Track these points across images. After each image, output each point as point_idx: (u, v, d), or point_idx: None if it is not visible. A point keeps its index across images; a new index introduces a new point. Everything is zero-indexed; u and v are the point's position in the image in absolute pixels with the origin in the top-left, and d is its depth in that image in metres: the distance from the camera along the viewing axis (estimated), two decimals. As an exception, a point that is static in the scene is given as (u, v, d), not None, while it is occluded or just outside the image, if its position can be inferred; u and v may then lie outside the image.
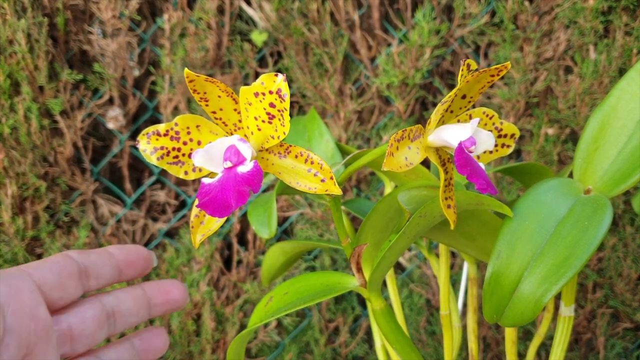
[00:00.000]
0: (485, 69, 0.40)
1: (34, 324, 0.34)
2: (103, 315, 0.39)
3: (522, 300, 0.46)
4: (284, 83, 0.37)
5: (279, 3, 1.03)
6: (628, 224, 1.06)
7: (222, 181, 0.37)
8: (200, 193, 0.37)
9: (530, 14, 1.02)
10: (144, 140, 0.38)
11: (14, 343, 0.33)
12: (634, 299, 1.07)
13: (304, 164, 0.40)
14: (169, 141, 0.38)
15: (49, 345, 0.35)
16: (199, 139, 0.39)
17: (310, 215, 1.10)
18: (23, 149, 1.02)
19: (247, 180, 0.36)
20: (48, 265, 0.37)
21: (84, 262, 0.39)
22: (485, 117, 0.46)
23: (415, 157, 0.41)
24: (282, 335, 1.13)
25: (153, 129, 0.38)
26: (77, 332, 0.38)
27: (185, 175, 0.40)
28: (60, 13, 1.02)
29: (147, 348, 0.42)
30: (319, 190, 0.40)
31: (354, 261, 0.46)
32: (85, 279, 0.39)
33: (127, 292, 0.41)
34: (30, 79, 1.00)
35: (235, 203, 0.36)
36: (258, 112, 0.38)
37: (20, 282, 0.35)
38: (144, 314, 0.42)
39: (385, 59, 1.06)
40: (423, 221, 0.43)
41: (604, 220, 0.45)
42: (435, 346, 1.11)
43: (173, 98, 1.08)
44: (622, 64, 1.00)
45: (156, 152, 0.38)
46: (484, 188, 0.41)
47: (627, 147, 0.49)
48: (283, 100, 0.37)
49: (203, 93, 0.38)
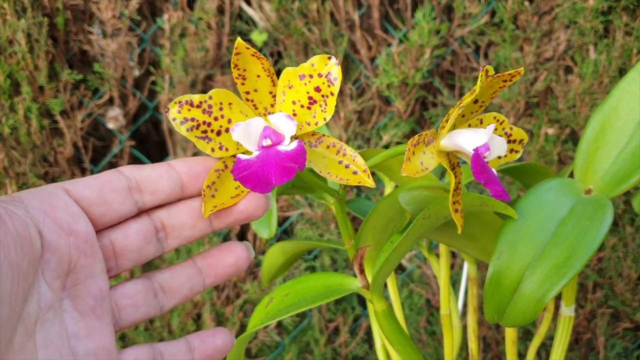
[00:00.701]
0: (498, 75, 0.40)
1: (73, 238, 0.33)
2: (150, 230, 0.37)
3: (524, 300, 0.46)
4: (336, 67, 0.36)
5: (279, 3, 1.03)
6: (628, 224, 1.06)
7: (262, 158, 0.36)
8: (237, 167, 0.35)
9: (530, 14, 1.02)
10: (175, 109, 0.36)
11: (54, 259, 0.32)
12: (634, 299, 1.07)
13: (336, 156, 0.39)
14: (201, 114, 0.37)
15: (94, 260, 0.34)
16: (229, 117, 0.37)
17: (310, 215, 1.10)
18: (23, 149, 1.02)
19: (292, 158, 0.35)
20: (88, 180, 0.35)
21: (135, 176, 0.36)
22: (496, 122, 0.46)
23: (431, 162, 0.41)
24: (282, 335, 1.13)
25: (186, 97, 0.36)
26: (121, 247, 0.36)
27: (212, 152, 0.37)
28: (60, 13, 1.02)
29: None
30: (351, 182, 0.38)
31: (357, 263, 0.46)
32: (137, 194, 0.36)
33: (181, 205, 0.38)
34: (30, 79, 1.00)
35: (279, 179, 0.35)
36: (299, 96, 0.37)
37: (54, 197, 0.33)
38: (202, 227, 0.38)
39: (385, 59, 1.06)
40: (427, 223, 0.43)
41: (605, 221, 0.45)
42: (435, 346, 1.11)
43: (173, 98, 1.08)
44: (622, 64, 1.00)
45: (186, 123, 0.36)
46: (499, 195, 0.41)
47: (628, 148, 0.49)
48: (331, 84, 0.36)
49: (243, 70, 0.37)
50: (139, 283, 0.37)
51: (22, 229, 0.30)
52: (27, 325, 0.30)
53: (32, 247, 0.30)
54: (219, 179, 0.38)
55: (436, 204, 0.43)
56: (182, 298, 0.38)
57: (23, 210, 0.31)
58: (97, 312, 0.34)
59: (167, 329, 1.09)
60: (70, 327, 0.33)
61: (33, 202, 0.32)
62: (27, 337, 0.30)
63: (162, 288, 0.38)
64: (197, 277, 0.38)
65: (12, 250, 0.29)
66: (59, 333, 0.32)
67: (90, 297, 0.34)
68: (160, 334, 1.08)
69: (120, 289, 0.36)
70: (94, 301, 0.34)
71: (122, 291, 0.36)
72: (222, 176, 0.38)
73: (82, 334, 0.33)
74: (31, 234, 0.31)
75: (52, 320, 0.32)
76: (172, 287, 0.38)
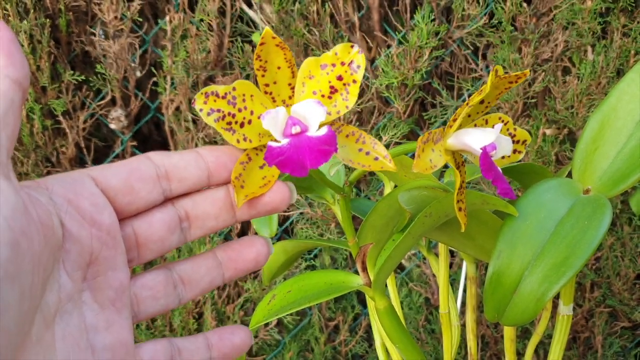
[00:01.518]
0: (505, 76, 0.41)
1: (95, 229, 0.32)
2: (174, 219, 0.36)
3: (523, 299, 0.47)
4: (359, 55, 0.36)
5: (279, 5, 1.04)
6: (626, 224, 1.07)
7: (293, 144, 0.36)
8: (271, 154, 0.35)
9: (528, 15, 1.03)
10: (201, 100, 0.36)
11: (75, 249, 0.31)
12: (631, 298, 1.08)
13: (356, 144, 0.39)
14: (226, 105, 0.36)
15: (116, 252, 0.33)
16: (252, 109, 0.37)
17: (310, 215, 1.11)
18: (26, 150, 1.02)
19: (325, 141, 0.35)
20: (115, 167, 0.34)
21: (163, 163, 0.35)
22: (501, 122, 0.46)
23: (439, 160, 0.42)
24: (283, 334, 1.14)
25: (212, 89, 0.36)
26: (144, 237, 0.35)
27: (237, 143, 0.37)
28: (63, 14, 1.02)
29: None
30: (373, 168, 0.39)
31: (360, 260, 0.46)
32: (165, 182, 0.35)
33: (205, 195, 0.37)
34: (33, 80, 1.01)
35: (315, 162, 0.35)
36: (320, 86, 0.37)
37: (79, 185, 0.32)
38: (226, 218, 0.37)
39: (384, 60, 1.06)
40: (428, 221, 0.43)
41: (603, 220, 0.46)
42: (434, 345, 1.12)
43: (175, 99, 1.08)
44: (620, 65, 1.01)
45: (213, 114, 0.36)
46: (506, 192, 0.42)
47: (627, 148, 0.50)
48: (354, 72, 0.36)
49: (265, 61, 0.36)
50: (160, 274, 0.36)
51: (45, 216, 0.29)
52: (46, 316, 0.29)
53: (53, 236, 0.30)
54: (244, 170, 0.38)
55: (438, 203, 0.43)
56: (201, 291, 0.38)
57: (46, 198, 0.31)
58: (116, 305, 0.33)
59: (168, 327, 1.09)
60: (89, 320, 0.32)
61: (58, 189, 0.31)
62: (46, 328, 0.29)
63: (182, 279, 0.37)
64: (217, 270, 0.38)
65: (36, 241, 0.28)
66: (78, 325, 0.31)
67: (111, 290, 0.33)
68: (162, 333, 1.09)
69: (140, 280, 0.35)
70: (114, 293, 0.33)
71: (142, 282, 0.35)
72: (247, 168, 0.38)
73: (101, 326, 0.32)
74: (54, 223, 0.30)
75: (71, 312, 0.31)
76: (192, 279, 0.37)
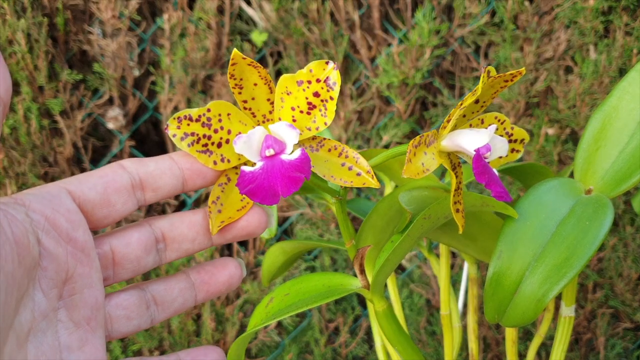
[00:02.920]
0: (500, 75, 0.40)
1: (71, 246, 0.32)
2: (151, 239, 0.36)
3: (524, 300, 0.46)
4: (334, 71, 0.36)
5: (279, 3, 1.03)
6: (628, 224, 1.06)
7: (266, 169, 0.35)
8: (243, 181, 0.35)
9: (530, 14, 1.02)
10: (174, 125, 0.35)
11: (52, 267, 0.31)
12: (634, 299, 1.07)
13: (338, 158, 0.39)
14: (200, 127, 0.36)
15: (91, 269, 0.33)
16: (229, 128, 0.37)
17: (310, 216, 1.10)
18: (23, 149, 1.02)
19: (297, 167, 0.35)
20: (93, 180, 0.34)
21: (138, 173, 0.35)
22: (497, 122, 0.46)
23: (432, 163, 0.41)
24: (282, 336, 1.13)
25: (185, 113, 0.36)
26: (120, 256, 0.35)
27: (215, 165, 0.37)
28: (60, 13, 1.02)
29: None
30: (355, 184, 0.38)
31: (357, 262, 0.46)
32: (139, 192, 0.35)
33: (183, 217, 0.37)
34: (30, 79, 1.00)
35: (286, 190, 0.34)
36: (297, 102, 0.37)
37: (57, 201, 0.32)
38: (202, 241, 0.37)
39: (385, 59, 1.06)
40: (427, 223, 0.43)
41: (605, 221, 0.45)
42: (435, 346, 1.11)
43: (173, 98, 1.07)
44: (622, 64, 1.00)
45: (187, 138, 0.36)
46: (500, 196, 0.41)
47: (628, 147, 0.49)
48: (331, 89, 0.36)
49: (239, 79, 0.36)
50: (133, 294, 0.36)
51: (20, 235, 0.29)
52: (19, 334, 0.29)
53: (29, 255, 0.30)
54: (223, 192, 0.37)
55: (437, 204, 0.43)
56: (173, 312, 0.38)
57: (23, 215, 0.30)
58: (91, 324, 0.33)
59: (167, 329, 1.09)
60: (63, 339, 0.32)
61: (35, 206, 0.31)
62: (19, 348, 0.29)
63: (155, 300, 0.37)
64: (190, 292, 0.38)
65: (9, 260, 0.28)
66: (52, 344, 0.31)
67: (87, 308, 0.33)
68: (160, 334, 1.08)
69: (115, 299, 0.36)
70: (90, 312, 0.33)
71: (116, 302, 0.36)
72: (225, 190, 0.38)
73: (74, 346, 0.32)
74: (30, 241, 0.30)
75: (45, 331, 0.31)
76: (165, 300, 0.37)
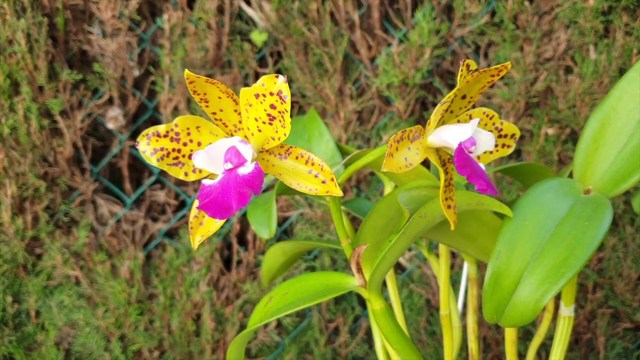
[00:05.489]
0: (485, 69, 0.40)
1: None
2: None
3: (522, 300, 0.46)
4: (284, 85, 0.37)
5: (278, 3, 1.03)
6: (628, 224, 1.06)
7: (222, 183, 0.36)
8: (201, 195, 0.36)
9: (530, 14, 1.02)
10: (144, 142, 0.37)
11: None
12: (634, 299, 1.07)
13: (305, 165, 0.40)
14: (169, 142, 0.38)
15: None
16: (199, 140, 0.39)
17: (310, 216, 1.10)
18: (23, 149, 1.02)
19: (247, 182, 0.36)
20: None
21: None
22: (486, 117, 0.46)
23: (415, 158, 0.41)
24: (282, 336, 1.13)
25: (153, 130, 0.38)
26: None
27: (186, 176, 0.39)
28: (60, 13, 1.02)
29: None
30: (319, 192, 0.40)
31: (354, 261, 0.46)
32: None
33: None
34: (30, 79, 1.00)
35: (237, 205, 0.36)
36: (259, 114, 0.38)
37: None
38: None
39: (385, 59, 1.06)
40: (423, 221, 0.43)
41: (603, 221, 0.45)
42: (435, 346, 1.11)
43: (173, 98, 1.08)
44: (622, 64, 1.00)
45: (156, 154, 0.38)
46: (484, 189, 0.41)
47: (627, 147, 0.49)
48: (284, 101, 0.37)
49: (203, 94, 0.38)
50: None
51: None
52: None
53: None
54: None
55: (432, 203, 0.43)
56: None
57: None
58: None
59: (167, 329, 1.09)
60: None
61: None
62: None
63: None
64: None
65: None
66: None
67: None
68: (160, 334, 1.08)
69: None
70: None
71: None
72: None
73: None
74: None
75: None
76: None
